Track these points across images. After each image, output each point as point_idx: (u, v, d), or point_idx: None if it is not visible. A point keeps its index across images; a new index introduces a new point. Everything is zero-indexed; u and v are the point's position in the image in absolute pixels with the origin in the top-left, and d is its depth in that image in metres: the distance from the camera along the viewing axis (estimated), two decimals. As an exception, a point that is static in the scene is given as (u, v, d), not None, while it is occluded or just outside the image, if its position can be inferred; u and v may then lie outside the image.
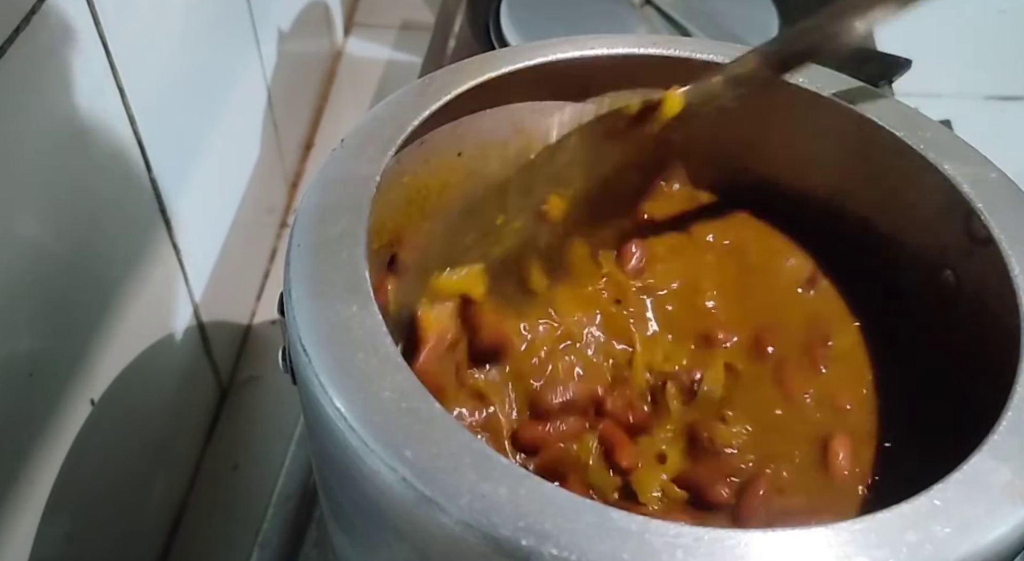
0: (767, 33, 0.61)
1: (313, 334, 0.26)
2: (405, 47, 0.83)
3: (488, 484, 0.23)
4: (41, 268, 0.37)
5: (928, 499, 0.23)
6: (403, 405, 0.24)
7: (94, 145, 0.40)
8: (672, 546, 0.22)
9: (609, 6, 0.64)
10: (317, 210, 0.29)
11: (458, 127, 0.36)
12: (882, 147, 0.34)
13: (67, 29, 0.37)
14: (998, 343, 0.29)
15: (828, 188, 0.38)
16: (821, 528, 0.23)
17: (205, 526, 0.54)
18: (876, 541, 0.22)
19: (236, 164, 0.59)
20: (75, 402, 0.41)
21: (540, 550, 0.22)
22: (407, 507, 0.23)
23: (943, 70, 0.69)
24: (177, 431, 0.53)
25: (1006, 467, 0.24)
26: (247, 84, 0.60)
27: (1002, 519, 0.23)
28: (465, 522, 0.22)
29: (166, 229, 0.48)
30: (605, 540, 0.22)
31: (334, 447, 0.25)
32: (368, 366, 0.25)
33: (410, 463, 0.23)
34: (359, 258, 0.28)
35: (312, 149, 0.75)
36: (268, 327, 0.63)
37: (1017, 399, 0.25)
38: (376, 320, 0.26)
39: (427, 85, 0.34)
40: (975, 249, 0.31)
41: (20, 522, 0.38)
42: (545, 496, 0.22)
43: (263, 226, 0.66)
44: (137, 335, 0.46)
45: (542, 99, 0.38)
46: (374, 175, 0.30)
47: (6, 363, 0.35)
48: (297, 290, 0.27)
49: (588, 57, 0.36)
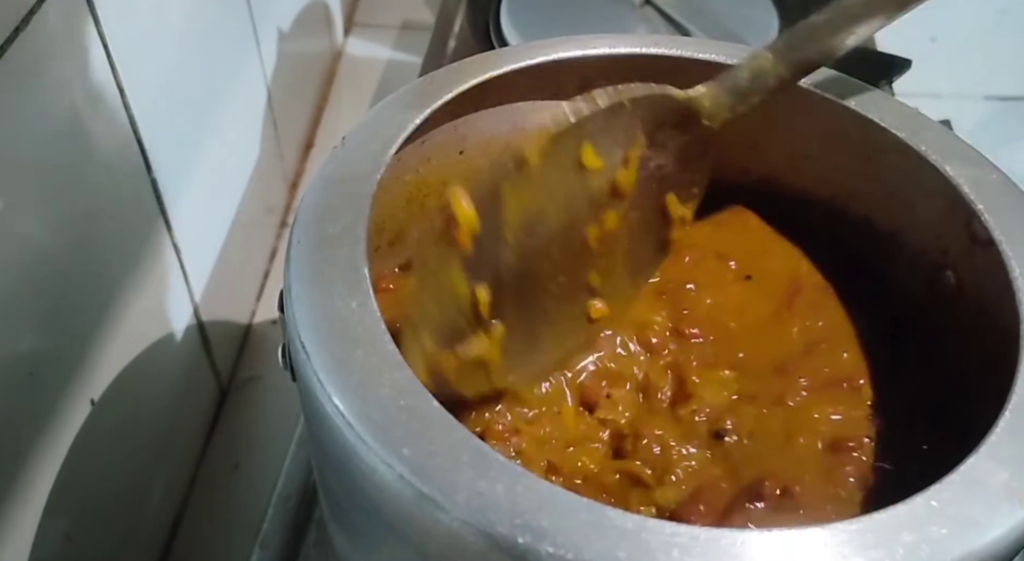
0: (767, 33, 0.61)
1: (312, 331, 0.26)
2: (405, 47, 0.83)
3: (485, 482, 0.23)
4: (41, 268, 0.37)
5: (925, 500, 0.23)
6: (401, 402, 0.24)
7: (94, 145, 0.40)
8: (668, 545, 0.22)
9: (609, 6, 0.64)
10: (318, 208, 0.29)
11: (459, 126, 0.36)
12: (884, 148, 0.34)
13: (67, 29, 0.37)
14: (998, 344, 0.29)
15: (829, 188, 0.38)
16: (818, 528, 0.23)
17: (205, 526, 0.54)
18: (873, 541, 0.22)
19: (236, 164, 0.59)
20: (75, 402, 0.41)
21: (537, 548, 0.22)
22: (405, 504, 0.23)
23: (943, 70, 0.69)
24: (177, 431, 0.53)
25: (1003, 468, 0.24)
26: (247, 84, 0.60)
27: (999, 520, 0.23)
28: (462, 520, 0.22)
29: (166, 229, 0.48)
30: (601, 538, 0.22)
31: (333, 444, 0.25)
32: (367, 363, 0.25)
33: (408, 460, 0.23)
34: (359, 256, 0.28)
35: (312, 149, 0.75)
36: (268, 327, 0.63)
37: (1015, 401, 0.25)
38: (375, 318, 0.26)
39: (428, 84, 0.34)
40: (976, 250, 0.31)
41: (20, 522, 0.38)
42: (542, 494, 0.23)
43: (263, 226, 0.66)
44: (137, 335, 0.46)
45: (544, 98, 0.38)
46: (375, 173, 0.30)
47: (6, 363, 0.35)
48: (297, 287, 0.27)
49: (590, 56, 0.36)
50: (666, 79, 0.37)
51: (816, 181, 0.38)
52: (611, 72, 0.37)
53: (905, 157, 0.33)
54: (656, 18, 0.63)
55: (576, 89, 0.38)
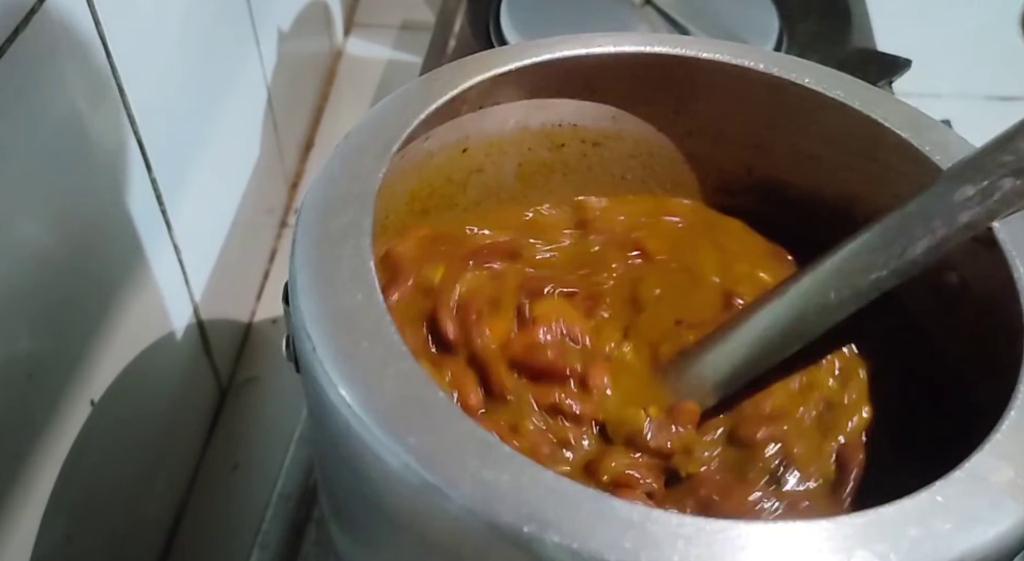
0: (767, 33, 0.61)
1: (318, 322, 0.26)
2: (405, 47, 0.84)
3: (490, 471, 0.23)
4: (41, 268, 0.37)
5: (930, 495, 0.23)
6: (406, 392, 0.24)
7: (94, 145, 0.40)
8: (674, 536, 0.22)
9: (609, 6, 0.64)
10: (322, 203, 0.29)
11: (463, 124, 0.36)
12: (888, 149, 0.34)
13: (67, 29, 0.37)
14: (1001, 343, 0.29)
15: (834, 189, 0.38)
16: (823, 521, 0.23)
17: (205, 526, 0.54)
18: (877, 535, 0.22)
19: (236, 164, 0.59)
20: (75, 402, 0.41)
21: (542, 537, 0.22)
22: (409, 494, 0.23)
23: (943, 70, 0.69)
24: (177, 431, 0.53)
25: (1008, 465, 0.24)
26: (247, 84, 0.60)
27: (1003, 517, 0.23)
28: (467, 509, 0.22)
29: (166, 229, 0.48)
30: (606, 528, 0.22)
31: (337, 434, 0.25)
32: (372, 354, 0.25)
33: (413, 449, 0.23)
34: (364, 249, 0.28)
35: (312, 149, 0.75)
36: (268, 327, 0.63)
37: (1020, 399, 0.25)
38: (380, 309, 0.26)
39: (432, 81, 0.34)
40: (979, 251, 0.31)
41: (20, 522, 0.38)
42: (547, 484, 0.23)
43: (263, 226, 0.66)
44: (137, 335, 0.46)
45: (547, 97, 0.38)
46: (379, 170, 0.30)
47: (6, 363, 0.35)
48: (302, 279, 0.27)
49: (593, 55, 0.36)
50: (667, 78, 0.37)
51: (821, 182, 0.38)
52: (615, 70, 0.37)
53: (909, 158, 0.33)
54: (656, 18, 0.63)
55: (579, 88, 0.38)
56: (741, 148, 0.39)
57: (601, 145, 0.40)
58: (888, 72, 0.55)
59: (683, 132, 0.40)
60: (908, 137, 0.33)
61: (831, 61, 0.38)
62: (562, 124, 0.39)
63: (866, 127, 0.34)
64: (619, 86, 0.38)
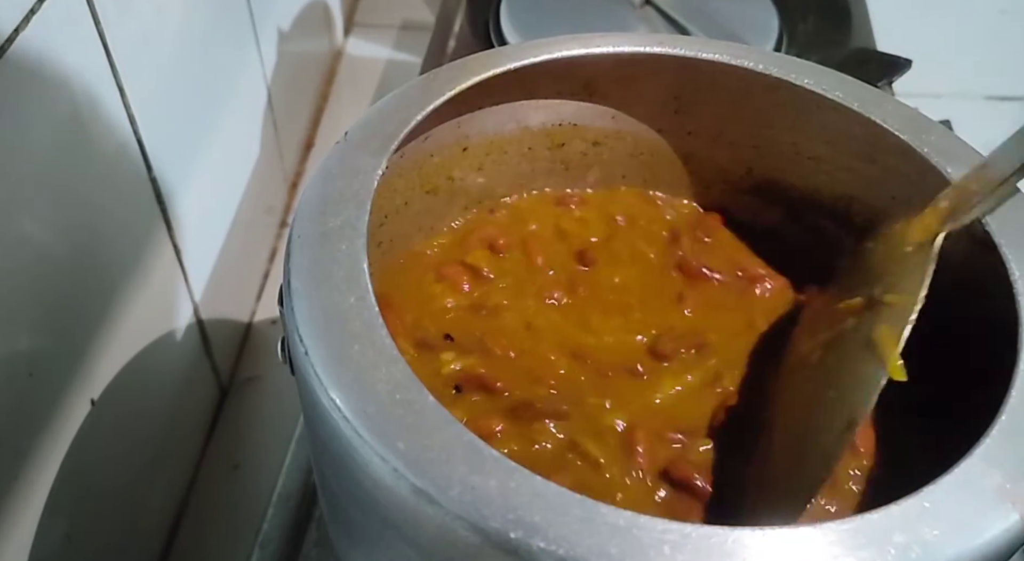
0: (767, 33, 0.61)
1: (310, 325, 0.26)
2: (405, 47, 0.84)
3: (479, 476, 0.23)
4: (41, 268, 0.37)
5: (918, 501, 0.23)
6: (397, 397, 0.24)
7: (94, 145, 0.40)
8: (660, 542, 0.22)
9: (609, 6, 0.64)
10: (318, 202, 0.29)
11: (463, 123, 0.36)
12: (886, 150, 0.34)
13: (67, 29, 0.37)
14: (996, 347, 0.29)
15: (832, 189, 0.38)
16: (809, 527, 0.23)
17: (205, 526, 0.54)
18: (864, 541, 0.22)
19: (236, 164, 0.59)
20: (75, 402, 0.41)
21: (529, 543, 0.22)
22: (399, 498, 0.23)
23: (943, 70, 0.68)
24: (177, 431, 0.53)
25: (997, 471, 0.24)
26: (247, 84, 0.60)
27: (992, 523, 0.23)
28: (455, 514, 0.22)
29: (166, 229, 0.48)
30: (593, 534, 0.22)
31: (330, 438, 0.25)
32: (364, 358, 0.25)
33: (402, 454, 0.23)
34: (359, 250, 0.28)
35: (312, 149, 0.75)
36: (268, 327, 0.63)
37: (1011, 404, 0.25)
38: (373, 312, 0.26)
39: (431, 81, 0.34)
40: (976, 252, 0.31)
41: (20, 522, 0.38)
42: (535, 489, 0.23)
43: (263, 226, 0.66)
44: (137, 335, 0.46)
45: (546, 97, 0.38)
46: (377, 168, 0.30)
47: (6, 363, 0.35)
48: (296, 281, 0.27)
49: (593, 55, 0.36)
50: (667, 78, 0.37)
51: (820, 182, 0.38)
52: (615, 70, 0.37)
53: (908, 159, 0.33)
54: (656, 18, 0.63)
55: (579, 88, 0.38)
56: (741, 148, 0.39)
57: (601, 145, 0.40)
58: (888, 72, 0.55)
59: (683, 132, 0.40)
60: (907, 139, 0.33)
61: (831, 61, 0.38)
62: (562, 124, 0.39)
63: (865, 128, 0.34)
64: (619, 86, 0.38)
